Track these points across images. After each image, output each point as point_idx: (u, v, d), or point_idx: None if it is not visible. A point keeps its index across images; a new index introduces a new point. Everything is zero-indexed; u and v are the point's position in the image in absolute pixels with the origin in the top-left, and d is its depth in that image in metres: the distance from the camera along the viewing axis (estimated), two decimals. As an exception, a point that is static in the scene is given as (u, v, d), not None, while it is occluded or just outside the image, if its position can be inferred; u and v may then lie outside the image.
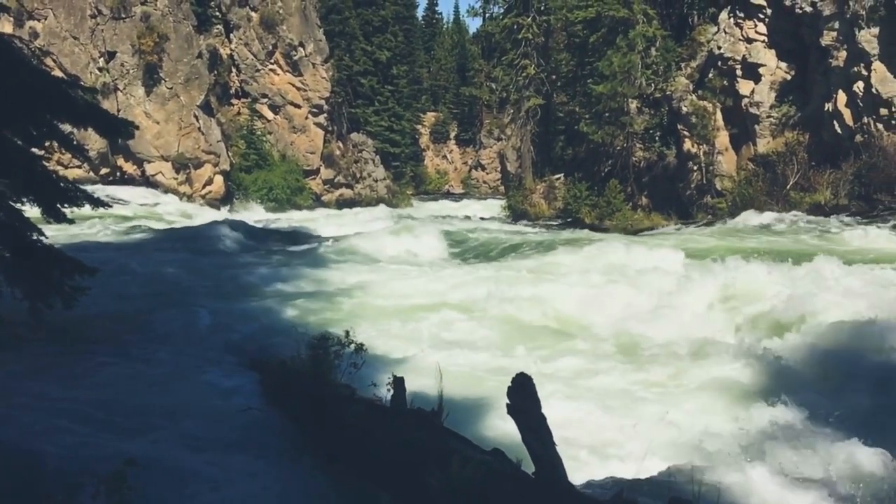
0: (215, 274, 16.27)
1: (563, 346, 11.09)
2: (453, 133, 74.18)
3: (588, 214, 32.79)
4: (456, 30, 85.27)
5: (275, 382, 8.33)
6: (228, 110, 44.34)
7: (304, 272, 16.77)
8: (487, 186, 69.66)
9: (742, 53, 31.51)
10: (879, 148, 26.42)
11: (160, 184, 38.79)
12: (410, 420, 6.41)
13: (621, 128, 33.35)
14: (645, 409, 8.34)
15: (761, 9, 31.07)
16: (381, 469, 6.34)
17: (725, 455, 6.91)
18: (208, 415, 7.70)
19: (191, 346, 10.57)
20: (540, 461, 5.23)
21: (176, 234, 23.48)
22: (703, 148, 31.90)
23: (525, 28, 40.95)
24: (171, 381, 8.84)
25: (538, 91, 41.82)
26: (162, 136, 38.60)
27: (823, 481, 6.39)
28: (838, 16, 28.03)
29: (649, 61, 33.34)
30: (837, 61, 28.16)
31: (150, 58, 38.18)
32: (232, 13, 44.08)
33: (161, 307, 12.82)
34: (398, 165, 58.54)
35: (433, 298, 14.12)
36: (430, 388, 6.85)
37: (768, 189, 28.87)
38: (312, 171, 45.94)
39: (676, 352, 10.58)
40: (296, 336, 8.25)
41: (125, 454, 4.64)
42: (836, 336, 10.02)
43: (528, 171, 42.16)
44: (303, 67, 44.68)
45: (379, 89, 56.62)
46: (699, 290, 13.22)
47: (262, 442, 7.14)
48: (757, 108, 30.88)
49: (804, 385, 9.00)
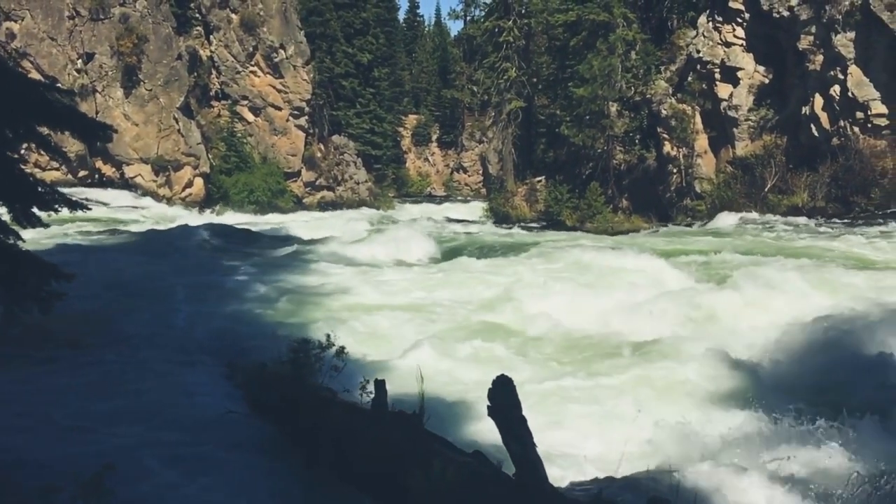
0: (194, 277, 16.15)
1: (537, 347, 11.13)
2: (435, 135, 74.16)
3: (569, 217, 32.94)
4: (437, 32, 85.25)
5: (254, 386, 8.29)
6: (208, 112, 44.05)
7: (283, 275, 16.70)
8: (469, 189, 69.68)
9: (720, 57, 31.82)
10: (855, 151, 26.78)
11: (139, 186, 38.48)
12: (391, 423, 6.41)
13: (602, 131, 33.54)
14: (620, 410, 8.39)
15: (739, 13, 31.40)
16: (362, 472, 6.33)
17: (701, 455, 6.97)
18: (187, 418, 7.65)
19: (169, 350, 10.49)
20: (520, 463, 5.25)
21: (154, 237, 23.29)
22: (683, 151, 32.18)
23: (506, 31, 41.08)
24: (148, 385, 8.77)
25: (519, 94, 41.95)
26: (141, 138, 38.30)
27: (797, 480, 6.47)
28: (815, 20, 28.39)
29: (629, 65, 33.58)
30: (814, 65, 28.51)
31: (129, 59, 37.89)
32: (212, 15, 43.81)
33: (138, 311, 12.71)
34: (380, 168, 58.42)
35: (415, 301, 14.12)
36: (411, 391, 6.85)
37: (747, 191, 29.18)
38: (293, 174, 45.76)
39: (648, 353, 10.66)
40: (275, 339, 8.23)
41: (103, 459, 4.60)
42: (806, 337, 10.16)
43: (510, 174, 42.27)
44: (283, 69, 44.51)
45: (360, 91, 56.49)
46: (671, 292, 13.39)
47: (242, 445, 7.10)
48: (735, 111, 31.19)
49: (776, 386, 9.11)
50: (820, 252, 17.94)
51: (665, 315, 12.19)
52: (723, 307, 12.42)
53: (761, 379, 9.49)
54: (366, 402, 6.75)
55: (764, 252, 17.87)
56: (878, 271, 15.10)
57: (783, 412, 8.20)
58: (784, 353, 10.08)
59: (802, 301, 12.09)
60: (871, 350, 9.83)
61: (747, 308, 12.25)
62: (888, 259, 17.19)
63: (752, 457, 7.01)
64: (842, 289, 13.06)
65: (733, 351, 10.31)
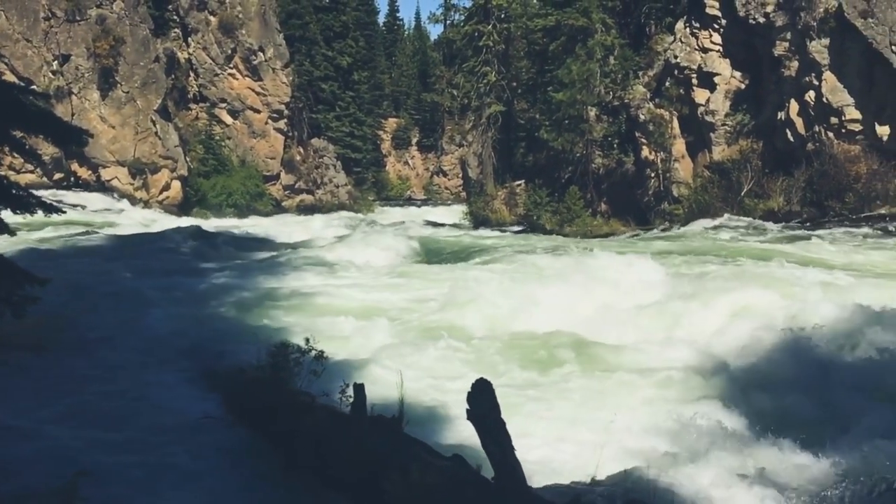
0: (170, 281, 16.00)
1: (515, 352, 11.15)
2: (415, 139, 74.20)
3: (549, 220, 33.06)
4: (417, 36, 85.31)
5: (232, 390, 8.24)
6: (186, 115, 43.74)
7: (262, 279, 16.60)
8: (449, 192, 69.76)
9: (698, 63, 32.12)
10: (830, 156, 27.13)
11: (116, 189, 38.09)
12: (371, 427, 6.40)
13: (581, 135, 33.73)
14: (596, 412, 8.43)
15: (716, 19, 31.72)
16: (341, 477, 6.31)
17: (677, 456, 7.02)
18: (163, 423, 7.58)
19: (145, 354, 10.38)
20: (499, 466, 5.27)
21: (131, 241, 23.08)
22: (661, 155, 32.43)
23: (486, 35, 41.21)
24: (124, 390, 8.68)
25: (499, 98, 42.09)
26: (118, 140, 37.93)
27: (771, 480, 6.53)
28: (790, 27, 28.75)
29: (608, 70, 33.80)
30: (790, 71, 28.87)
31: (106, 61, 37.53)
32: (190, 17, 43.53)
33: (113, 315, 12.56)
34: (360, 171, 58.32)
35: (395, 305, 14.10)
36: (390, 395, 6.84)
37: (723, 195, 29.45)
38: (272, 177, 45.56)
39: (622, 355, 10.73)
40: (254, 343, 8.18)
41: (77, 465, 4.55)
42: (779, 338, 10.28)
43: (490, 178, 42.37)
44: (262, 72, 44.32)
45: (340, 95, 56.37)
46: (643, 294, 13.52)
47: (220, 450, 7.06)
48: (712, 116, 31.49)
49: (749, 387, 9.21)
50: (760, 253, 18.39)
51: (635, 318, 12.29)
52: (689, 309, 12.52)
53: (736, 380, 9.58)
54: (345, 407, 6.74)
55: (707, 252, 18.31)
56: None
57: (758, 413, 8.30)
58: (755, 354, 10.19)
59: (783, 302, 12.19)
60: (844, 352, 9.96)
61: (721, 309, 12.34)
62: (828, 259, 17.63)
63: (727, 458, 7.07)
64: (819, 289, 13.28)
65: (705, 353, 10.42)
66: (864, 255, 18.73)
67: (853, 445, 7.26)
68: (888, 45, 26.03)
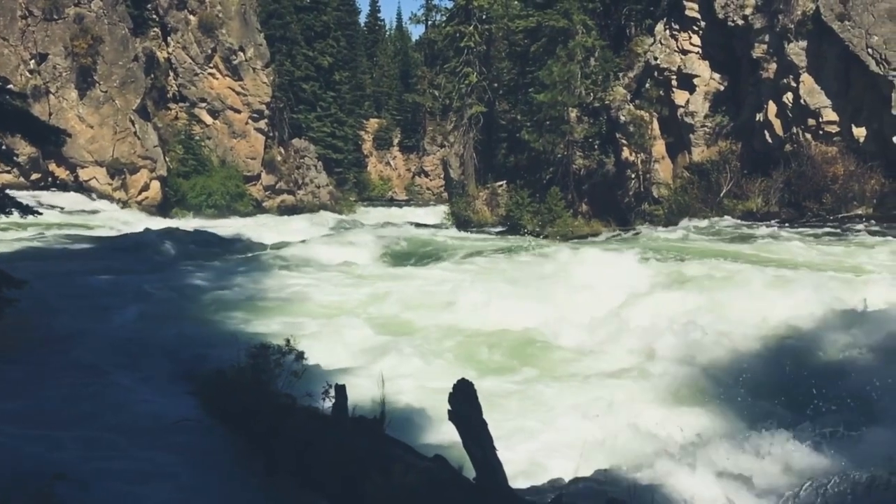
0: (148, 282, 15.85)
1: (495, 353, 11.17)
2: (396, 139, 74.06)
3: (530, 221, 33.13)
4: (399, 36, 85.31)
5: (212, 392, 8.17)
6: (166, 115, 43.40)
7: (241, 279, 16.51)
8: (431, 193, 69.71)
9: (677, 64, 32.34)
10: (808, 157, 27.41)
11: (94, 190, 37.71)
12: (352, 428, 6.37)
13: (562, 136, 33.84)
14: (576, 412, 8.46)
15: (695, 21, 31.95)
16: (322, 479, 6.28)
17: (658, 455, 7.06)
18: (141, 426, 7.50)
19: (122, 356, 10.26)
20: (481, 466, 5.27)
21: (109, 242, 22.85)
22: (641, 156, 32.61)
23: (467, 36, 41.24)
24: (102, 392, 8.58)
25: (480, 99, 42.13)
26: (96, 140, 37.56)
27: (753, 478, 6.58)
28: (768, 29, 29.02)
29: (588, 71, 33.94)
30: (768, 73, 29.14)
31: (84, 60, 37.15)
32: (169, 16, 43.20)
33: (91, 317, 12.42)
34: (341, 171, 58.15)
35: (375, 306, 14.07)
36: (372, 396, 6.83)
37: (703, 196, 29.66)
38: (253, 177, 45.31)
39: (602, 356, 10.79)
40: (233, 344, 8.12)
41: (54, 468, 4.50)
42: (760, 337, 10.38)
43: (471, 178, 42.41)
44: (243, 72, 44.07)
45: (321, 95, 56.20)
46: (623, 295, 13.62)
47: (199, 453, 7.00)
48: (692, 117, 31.71)
49: (730, 385, 9.28)
50: (720, 252, 18.76)
51: (607, 319, 12.36)
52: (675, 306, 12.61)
53: (717, 379, 9.65)
54: (326, 408, 6.71)
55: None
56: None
57: (740, 412, 8.36)
58: (741, 354, 10.28)
59: (763, 303, 12.33)
60: (828, 353, 10.06)
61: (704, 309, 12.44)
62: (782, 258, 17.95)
63: (708, 456, 7.12)
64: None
65: (687, 352, 10.49)
66: (820, 252, 19.12)
67: (834, 441, 7.33)
68: (864, 48, 26.35)
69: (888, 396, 8.50)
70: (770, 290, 12.92)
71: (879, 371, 9.03)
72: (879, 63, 26.10)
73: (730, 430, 7.77)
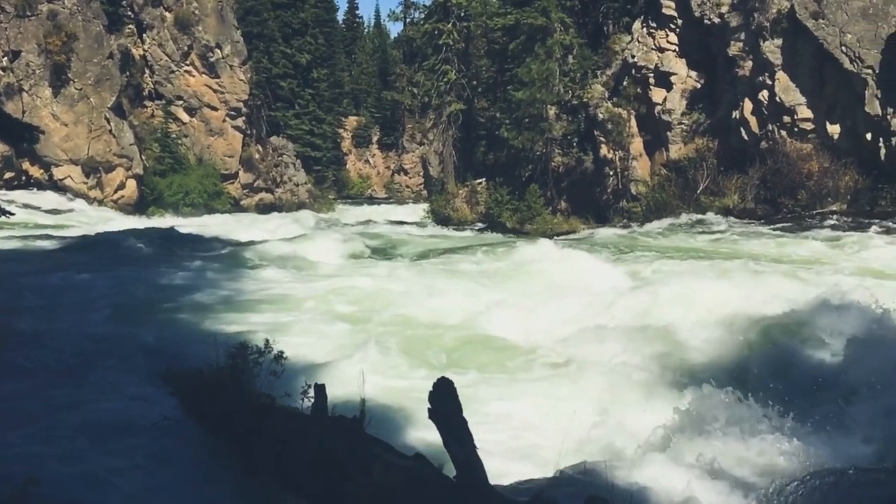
0: (125, 282, 15.65)
1: (472, 349, 11.18)
2: (375, 137, 73.90)
3: (509, 219, 33.22)
4: (377, 34, 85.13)
5: (190, 392, 8.09)
6: (141, 112, 42.99)
7: (219, 278, 16.38)
8: (410, 191, 69.64)
9: (654, 62, 32.55)
10: (783, 154, 27.72)
11: (69, 188, 37.26)
12: (331, 428, 6.34)
13: (540, 133, 33.93)
14: (555, 407, 8.48)
15: (672, 19, 32.17)
16: (301, 479, 6.25)
17: (638, 450, 7.10)
18: (118, 427, 7.40)
19: (99, 357, 10.09)
20: (461, 464, 5.26)
21: (84, 242, 22.56)
22: (619, 153, 32.79)
23: (445, 34, 41.18)
24: (77, 393, 8.46)
25: (459, 96, 42.10)
26: (71, 138, 37.10)
27: (735, 473, 6.61)
28: (744, 27, 29.30)
29: (567, 69, 34.06)
30: (744, 71, 29.42)
31: (58, 58, 36.68)
32: (145, 13, 42.77)
33: (65, 317, 12.22)
34: (320, 169, 57.93)
35: (354, 304, 14.02)
36: (352, 395, 6.80)
37: (680, 193, 29.90)
38: (231, 175, 44.99)
39: (580, 349, 10.82)
40: (212, 344, 8.04)
41: (27, 471, 4.42)
42: (741, 328, 10.46)
43: (451, 176, 42.38)
44: (220, 69, 43.74)
45: (299, 92, 55.93)
46: (599, 287, 13.70)
47: (177, 454, 6.93)
48: (669, 115, 31.93)
49: (711, 378, 9.34)
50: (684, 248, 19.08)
51: (585, 314, 12.43)
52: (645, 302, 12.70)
53: (695, 372, 9.71)
54: (305, 408, 6.67)
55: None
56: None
57: (718, 405, 8.40)
58: (716, 346, 10.35)
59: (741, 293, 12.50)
60: (804, 343, 10.13)
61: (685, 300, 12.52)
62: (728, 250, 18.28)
63: (686, 451, 7.16)
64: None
65: (665, 344, 10.55)
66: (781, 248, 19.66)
67: (814, 434, 7.40)
68: (838, 46, 26.68)
69: (865, 390, 8.60)
70: (741, 283, 13.07)
71: (855, 364, 9.14)
72: (853, 61, 26.44)
73: (708, 423, 7.80)
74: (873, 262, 16.98)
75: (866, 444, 7.36)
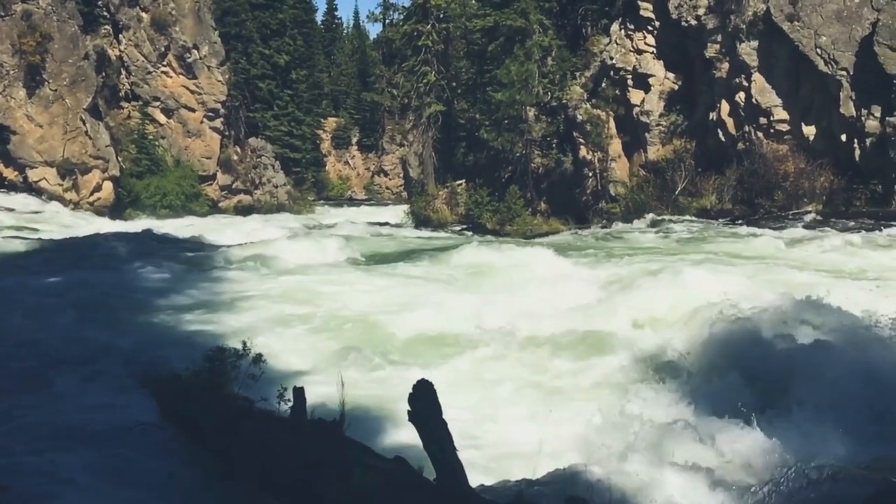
0: (101, 285, 15.42)
1: (452, 349, 11.17)
2: (355, 138, 73.68)
3: (490, 220, 33.26)
4: (356, 35, 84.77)
5: (168, 397, 8.01)
6: (118, 114, 42.51)
7: (197, 281, 16.21)
8: (391, 192, 69.51)
9: (633, 64, 32.74)
10: (760, 155, 28.00)
11: (44, 190, 36.73)
12: (310, 431, 6.30)
13: (520, 135, 34.01)
14: (533, 407, 8.48)
15: (650, 21, 32.39)
16: (280, 482, 6.19)
17: (617, 450, 7.11)
18: (93, 433, 7.30)
19: (71, 361, 9.90)
20: (441, 467, 5.24)
21: (58, 245, 22.24)
22: (598, 155, 32.93)
23: (425, 35, 41.16)
24: (51, 398, 8.33)
25: (439, 97, 42.08)
26: (45, 140, 36.61)
27: (714, 471, 6.64)
28: (721, 29, 29.55)
29: (546, 70, 34.16)
30: (721, 72, 29.67)
31: (32, 58, 36.17)
32: (121, 13, 42.31)
33: (39, 322, 11.97)
34: (299, 171, 57.65)
35: (334, 306, 13.95)
36: (331, 398, 6.75)
37: (659, 194, 30.11)
38: (209, 177, 44.59)
39: (558, 348, 10.84)
40: (190, 348, 7.96)
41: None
42: (719, 327, 10.50)
43: (431, 177, 42.34)
44: (197, 70, 43.38)
45: (278, 93, 55.64)
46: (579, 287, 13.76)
47: (154, 458, 6.85)
48: (647, 116, 32.14)
49: (690, 376, 9.39)
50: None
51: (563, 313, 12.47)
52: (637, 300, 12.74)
53: (674, 370, 9.75)
54: (284, 411, 6.61)
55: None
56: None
57: (696, 405, 8.45)
58: (694, 343, 10.38)
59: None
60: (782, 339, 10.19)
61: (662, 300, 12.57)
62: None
63: (665, 450, 7.18)
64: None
65: (642, 343, 10.60)
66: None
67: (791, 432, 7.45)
68: (813, 48, 26.99)
69: (840, 387, 8.68)
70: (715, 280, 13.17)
71: (830, 362, 9.22)
72: (828, 63, 26.76)
73: (686, 422, 7.83)
74: (829, 261, 17.33)
75: (842, 443, 7.42)
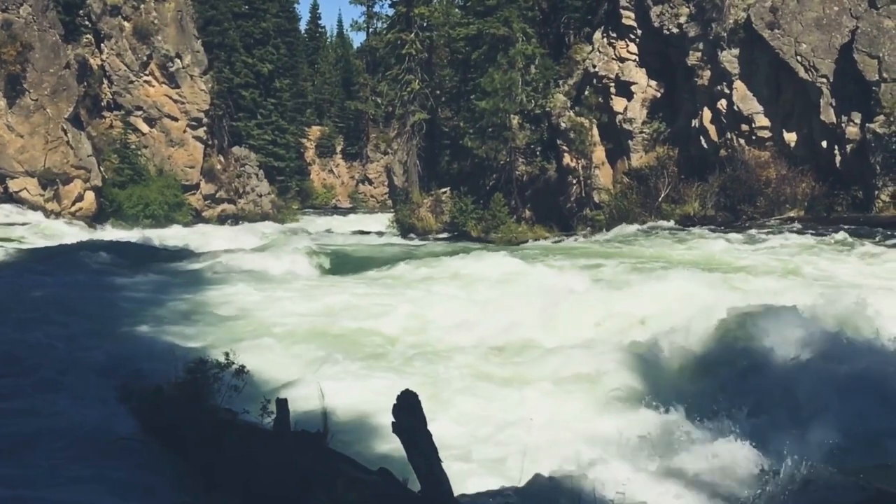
0: (81, 296, 15.26)
1: (436, 357, 11.14)
2: (339, 147, 73.55)
3: (474, 228, 33.30)
4: (340, 43, 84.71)
5: (149, 410, 7.92)
6: (100, 123, 42.21)
7: (180, 292, 16.07)
8: (375, 200, 69.45)
9: (615, 72, 32.92)
10: (741, 161, 28.22)
11: (25, 201, 36.38)
12: (294, 443, 6.25)
13: (504, 143, 34.08)
14: (519, 415, 8.46)
15: (632, 29, 32.59)
16: (264, 495, 6.13)
17: (602, 457, 7.10)
18: (75, 447, 7.20)
19: (54, 374, 9.78)
20: (425, 479, 5.21)
21: (39, 255, 22.03)
22: (582, 162, 33.06)
23: (408, 44, 41.20)
24: (31, 412, 8.20)
25: (423, 106, 42.11)
26: (27, 150, 36.29)
27: (699, 477, 6.65)
28: (702, 37, 29.79)
29: (529, 78, 34.27)
30: (702, 80, 29.90)
31: (13, 68, 35.88)
32: (102, 23, 42.07)
33: (19, 333, 11.81)
34: (283, 180, 57.46)
35: (316, 318, 13.87)
36: (314, 410, 6.71)
37: (642, 201, 30.24)
38: (192, 186, 44.36)
39: (544, 356, 10.84)
40: (172, 360, 7.88)
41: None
42: (706, 335, 10.54)
43: (415, 186, 42.33)
44: (180, 79, 43.19)
45: (261, 102, 55.47)
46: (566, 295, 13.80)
47: (136, 472, 6.76)
48: (630, 124, 32.32)
49: (676, 385, 9.40)
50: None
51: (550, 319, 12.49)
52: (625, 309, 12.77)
53: (657, 377, 9.76)
54: (267, 423, 6.56)
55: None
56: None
57: (680, 410, 8.46)
58: (677, 350, 10.41)
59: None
60: (763, 346, 10.24)
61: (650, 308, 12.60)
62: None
63: (654, 456, 7.18)
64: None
65: (637, 352, 10.60)
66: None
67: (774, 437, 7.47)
68: (794, 55, 27.26)
69: (822, 393, 8.73)
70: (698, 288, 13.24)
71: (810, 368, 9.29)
72: (808, 70, 27.04)
73: (670, 430, 7.85)
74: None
75: (832, 449, 7.45)
